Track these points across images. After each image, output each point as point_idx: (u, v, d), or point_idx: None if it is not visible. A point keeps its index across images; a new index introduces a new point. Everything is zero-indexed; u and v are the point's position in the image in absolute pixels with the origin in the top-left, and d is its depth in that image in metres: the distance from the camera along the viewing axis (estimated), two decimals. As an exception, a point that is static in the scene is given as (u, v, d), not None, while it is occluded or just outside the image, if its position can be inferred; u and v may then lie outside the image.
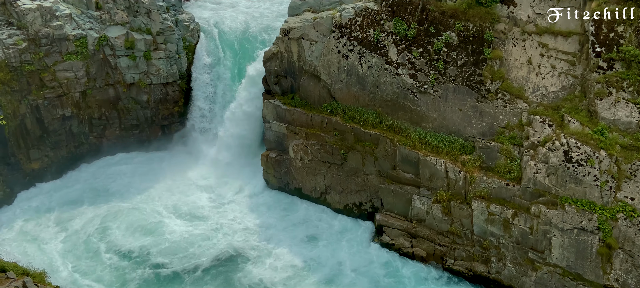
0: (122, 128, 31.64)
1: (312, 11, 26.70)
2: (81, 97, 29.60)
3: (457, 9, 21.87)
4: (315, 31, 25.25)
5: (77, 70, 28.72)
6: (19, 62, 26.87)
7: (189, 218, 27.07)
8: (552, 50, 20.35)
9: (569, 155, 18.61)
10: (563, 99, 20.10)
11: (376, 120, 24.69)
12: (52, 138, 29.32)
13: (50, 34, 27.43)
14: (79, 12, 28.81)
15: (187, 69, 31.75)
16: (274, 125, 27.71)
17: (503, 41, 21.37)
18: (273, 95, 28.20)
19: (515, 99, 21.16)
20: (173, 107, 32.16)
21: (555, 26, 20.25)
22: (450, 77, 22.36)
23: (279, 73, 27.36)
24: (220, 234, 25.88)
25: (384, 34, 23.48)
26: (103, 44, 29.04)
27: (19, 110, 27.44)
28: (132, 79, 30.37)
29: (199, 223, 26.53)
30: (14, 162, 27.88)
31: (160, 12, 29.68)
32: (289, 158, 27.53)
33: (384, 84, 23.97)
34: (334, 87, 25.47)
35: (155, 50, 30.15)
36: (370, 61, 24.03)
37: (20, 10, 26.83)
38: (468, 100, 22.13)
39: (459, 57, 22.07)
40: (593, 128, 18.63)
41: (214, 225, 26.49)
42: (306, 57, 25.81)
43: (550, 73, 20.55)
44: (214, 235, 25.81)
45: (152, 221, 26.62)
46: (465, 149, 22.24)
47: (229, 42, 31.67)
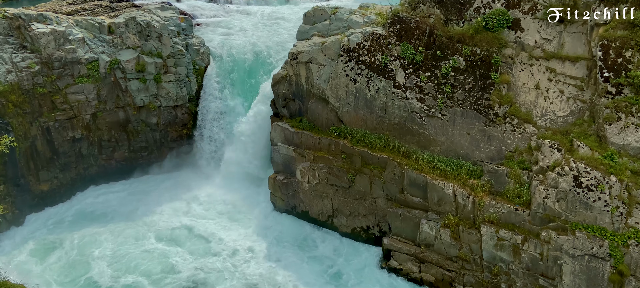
0: (131, 150, 31.90)
1: (320, 36, 27.07)
2: (91, 119, 29.97)
3: (464, 34, 22.05)
4: (323, 55, 25.51)
5: (89, 93, 29.14)
6: (31, 84, 27.33)
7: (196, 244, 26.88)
8: (560, 75, 20.40)
9: (579, 180, 18.48)
10: (572, 124, 20.05)
11: (384, 143, 24.71)
12: (61, 160, 29.60)
13: (63, 57, 27.93)
14: (91, 36, 29.36)
15: (196, 92, 32.10)
16: (281, 147, 27.81)
17: (510, 66, 21.47)
18: (281, 118, 28.39)
19: (523, 123, 21.14)
20: (182, 129, 32.44)
21: (563, 51, 20.33)
22: (458, 101, 22.42)
23: (287, 96, 27.59)
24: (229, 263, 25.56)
25: (392, 58, 23.66)
26: (114, 67, 29.52)
27: (30, 132, 27.79)
28: (142, 101, 30.74)
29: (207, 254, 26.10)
30: (24, 184, 28.11)
31: (171, 37, 30.18)
32: (297, 181, 27.53)
33: (392, 107, 24.06)
34: (341, 111, 25.60)
35: (165, 73, 30.59)
36: (378, 85, 24.18)
37: (34, 34, 27.40)
38: (476, 124, 22.14)
39: (467, 81, 22.16)
40: (602, 153, 18.52)
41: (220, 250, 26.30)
42: (314, 80, 26.03)
43: (559, 98, 20.56)
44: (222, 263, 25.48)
45: (157, 251, 26.12)
46: (474, 173, 22.15)
47: (238, 66, 32.05)
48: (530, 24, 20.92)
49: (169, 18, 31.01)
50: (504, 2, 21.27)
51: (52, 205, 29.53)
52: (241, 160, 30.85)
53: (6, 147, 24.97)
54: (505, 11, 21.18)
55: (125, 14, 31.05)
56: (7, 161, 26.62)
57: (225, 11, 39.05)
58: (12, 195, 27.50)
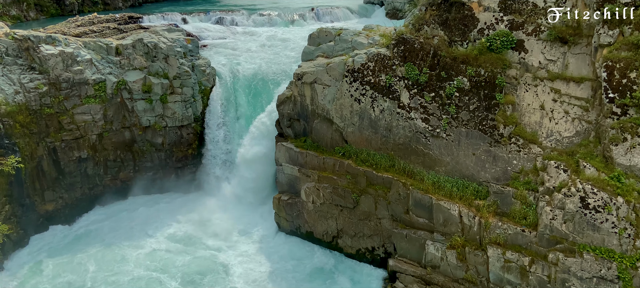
0: (137, 170, 32.02)
1: (325, 56, 27.28)
2: (97, 140, 30.17)
3: (468, 55, 22.16)
4: (328, 76, 25.68)
5: (95, 113, 29.39)
6: (39, 105, 27.61)
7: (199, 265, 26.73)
8: (565, 96, 20.40)
9: (586, 202, 18.34)
10: (577, 145, 19.97)
11: (389, 163, 24.68)
12: (67, 180, 29.73)
13: (70, 78, 28.26)
14: (99, 58, 29.72)
15: (201, 112, 32.31)
16: (286, 167, 27.82)
17: (515, 86, 21.51)
18: (286, 138, 28.46)
19: (528, 143, 21.09)
20: (187, 149, 32.57)
21: (567, 72, 20.38)
22: (462, 122, 22.43)
23: (292, 116, 27.70)
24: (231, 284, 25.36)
25: (396, 78, 23.77)
26: (121, 87, 29.82)
27: (36, 152, 27.98)
28: (148, 121, 30.95)
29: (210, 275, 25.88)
30: (29, 204, 28.20)
31: (177, 58, 30.52)
32: (301, 202, 27.47)
33: (397, 127, 24.09)
34: (346, 131, 25.65)
35: (171, 93, 30.85)
36: (383, 105, 24.25)
37: (42, 56, 27.78)
38: (481, 145, 22.10)
39: (471, 101, 22.19)
40: (609, 174, 18.39)
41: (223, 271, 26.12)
42: (319, 100, 26.15)
43: (564, 118, 20.53)
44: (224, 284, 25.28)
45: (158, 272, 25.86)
46: (479, 194, 22.03)
47: (243, 86, 32.29)
48: (534, 45, 21.01)
49: (176, 39, 31.41)
50: (508, 23, 21.41)
51: (55, 226, 29.53)
52: (245, 180, 30.87)
53: (12, 167, 25.14)
54: (508, 32, 21.30)
55: (132, 36, 31.48)
56: (13, 181, 26.75)
57: (232, 33, 39.53)
58: (17, 216, 27.57)
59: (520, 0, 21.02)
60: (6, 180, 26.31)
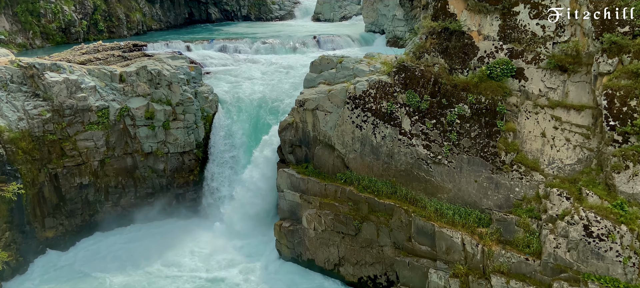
0: (138, 196, 31.97)
1: (326, 83, 27.52)
2: (99, 166, 30.23)
3: (468, 83, 22.34)
4: (329, 102, 25.85)
5: (98, 140, 29.53)
6: (42, 131, 27.78)
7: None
8: (566, 124, 20.46)
9: (589, 230, 18.20)
10: (579, 172, 19.94)
11: (390, 190, 24.61)
12: (68, 206, 29.67)
13: (74, 105, 28.50)
14: (103, 85, 30.03)
15: (204, 138, 32.44)
16: (287, 194, 27.75)
17: (516, 114, 21.60)
18: (287, 165, 28.48)
19: (530, 171, 21.06)
20: (188, 175, 32.58)
21: (568, 100, 20.49)
22: (464, 149, 22.46)
23: (294, 142, 27.78)
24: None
25: (397, 105, 23.92)
26: (124, 114, 30.03)
27: (38, 178, 28.01)
28: (150, 147, 31.06)
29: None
30: (29, 230, 28.08)
31: (180, 85, 30.82)
32: (303, 228, 27.31)
33: (398, 154, 24.11)
34: (348, 157, 25.68)
35: (174, 120, 31.04)
36: (384, 132, 24.34)
37: (47, 83, 28.08)
38: (483, 172, 22.07)
39: (472, 128, 22.27)
40: (612, 202, 18.30)
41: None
42: (321, 127, 26.27)
43: (565, 146, 20.55)
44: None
45: None
46: (482, 221, 21.89)
47: (245, 113, 32.48)
48: (534, 73, 21.19)
49: (179, 67, 31.77)
50: (507, 52, 21.65)
51: (56, 252, 29.29)
52: (247, 207, 30.75)
53: (14, 194, 25.13)
54: (508, 61, 21.52)
55: (136, 63, 31.86)
56: (14, 208, 26.71)
57: (234, 60, 39.96)
58: (17, 242, 27.42)
59: (519, 30, 21.30)
60: (7, 207, 26.27)
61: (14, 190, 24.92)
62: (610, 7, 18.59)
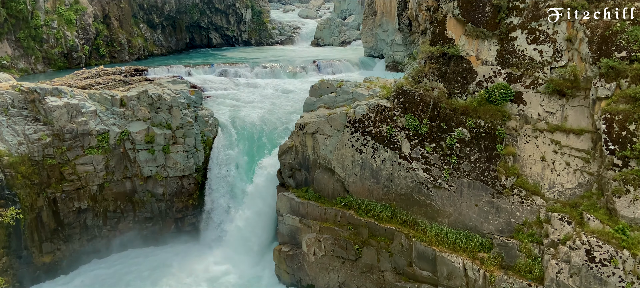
0: (136, 221, 31.77)
1: (326, 107, 27.64)
2: (98, 190, 30.11)
3: (468, 107, 22.44)
4: (329, 126, 25.92)
5: (97, 164, 29.49)
6: (41, 156, 27.75)
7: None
8: (565, 148, 20.48)
9: (592, 255, 18.03)
10: (580, 196, 19.86)
11: (391, 214, 24.48)
12: (66, 231, 29.46)
13: (74, 129, 28.55)
14: (103, 109, 30.14)
15: (203, 162, 32.40)
16: (287, 218, 27.59)
17: (515, 138, 21.64)
18: (287, 188, 28.39)
19: (531, 195, 20.98)
20: (188, 199, 32.44)
21: (567, 124, 20.55)
22: (464, 172, 22.42)
23: (294, 166, 27.75)
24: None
25: (397, 129, 23.98)
26: (124, 138, 30.06)
27: (36, 203, 27.87)
28: (149, 171, 31.00)
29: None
30: (26, 256, 27.81)
31: (181, 109, 30.94)
32: (302, 253, 27.05)
33: (398, 178, 24.06)
34: (348, 181, 25.62)
35: (174, 144, 31.06)
36: (384, 155, 24.33)
37: (48, 107, 28.19)
38: (483, 196, 21.99)
39: (472, 152, 22.27)
40: (614, 226, 18.19)
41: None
42: (320, 150, 26.28)
43: (565, 170, 20.53)
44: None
45: None
46: (484, 246, 21.70)
47: (245, 136, 32.54)
48: (533, 98, 21.31)
49: (180, 91, 31.95)
50: (505, 76, 21.81)
51: (52, 279, 28.99)
52: (246, 232, 30.53)
53: (12, 218, 24.96)
54: (507, 85, 21.65)
55: (137, 88, 32.05)
56: (12, 232, 26.51)
57: (235, 84, 40.25)
58: (14, 268, 27.14)
59: (517, 54, 21.50)
60: (5, 232, 26.08)
61: (12, 215, 24.77)
62: (607, 33, 18.79)
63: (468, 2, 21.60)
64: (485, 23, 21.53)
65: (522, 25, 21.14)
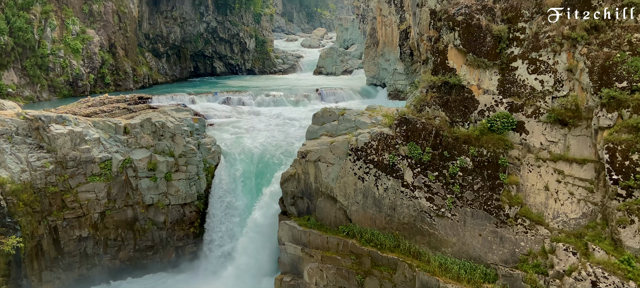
0: (137, 249, 31.55)
1: (329, 135, 27.73)
2: (99, 218, 30.02)
3: (470, 135, 22.45)
4: (332, 154, 25.92)
5: (99, 191, 29.47)
6: (44, 183, 27.78)
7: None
8: (569, 177, 20.37)
9: (597, 286, 17.73)
10: (585, 226, 19.66)
11: (393, 243, 24.24)
12: (66, 259, 29.25)
13: (77, 157, 28.65)
14: (107, 136, 30.31)
15: (205, 190, 32.35)
16: (289, 247, 27.33)
17: (518, 167, 21.57)
18: (289, 216, 28.22)
19: (535, 224, 20.78)
20: (189, 227, 32.26)
21: (569, 153, 20.50)
22: (467, 201, 22.28)
23: (296, 194, 27.65)
24: None
25: (399, 157, 23.96)
26: (127, 165, 30.12)
27: (37, 231, 27.76)
28: (151, 199, 30.93)
29: None
30: (26, 285, 27.54)
31: (184, 136, 31.07)
32: (304, 283, 26.69)
33: (401, 206, 23.92)
34: (350, 209, 25.48)
35: (176, 171, 31.08)
36: (386, 184, 24.25)
37: (51, 135, 28.36)
38: (487, 225, 21.79)
39: (475, 181, 22.18)
40: (619, 257, 17.93)
41: None
42: (323, 178, 26.22)
43: (569, 199, 20.38)
44: None
45: None
46: (488, 277, 21.38)
47: (247, 164, 32.56)
48: (535, 127, 21.31)
49: (183, 119, 32.16)
50: (507, 105, 21.88)
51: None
52: (247, 261, 30.22)
53: (12, 247, 24.83)
54: (508, 114, 21.70)
55: (141, 116, 32.29)
56: (12, 260, 26.34)
57: (238, 112, 40.51)
58: (13, 297, 26.88)
59: (518, 84, 21.62)
60: (5, 260, 25.91)
61: (13, 243, 24.65)
62: (607, 63, 18.93)
63: (469, 33, 21.85)
64: (486, 53, 21.73)
65: (522, 56, 21.33)
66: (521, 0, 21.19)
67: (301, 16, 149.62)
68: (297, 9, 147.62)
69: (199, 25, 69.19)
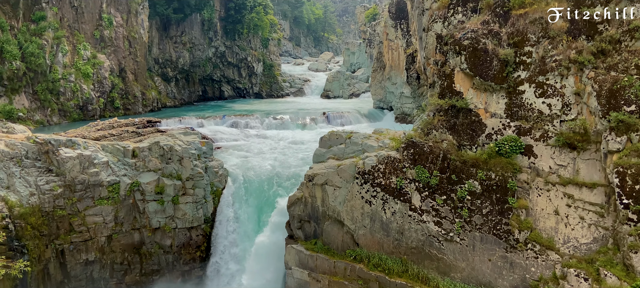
0: (143, 273, 31.36)
1: (336, 159, 27.69)
2: (106, 242, 29.97)
3: (478, 159, 22.33)
4: (339, 177, 25.86)
5: (106, 215, 29.50)
6: (52, 207, 27.88)
7: None
8: (579, 201, 20.13)
9: (612, 313, 17.36)
10: (596, 252, 19.33)
11: (401, 268, 23.94)
12: (72, 283, 29.11)
13: (86, 180, 28.80)
14: (115, 160, 30.49)
15: (212, 213, 32.28)
16: (296, 271, 27.07)
17: (527, 191, 21.37)
18: (296, 240, 28.02)
19: (546, 249, 20.47)
20: (195, 251, 32.09)
21: (579, 177, 20.29)
22: (476, 226, 22.03)
23: (303, 218, 27.51)
24: None
25: (407, 181, 23.84)
26: (134, 189, 30.19)
27: (44, 254, 27.74)
28: (158, 223, 30.89)
29: None
30: (32, 308, 27.43)
31: (191, 160, 31.18)
32: (311, 308, 26.35)
33: (409, 230, 23.70)
34: (357, 233, 25.27)
35: (183, 194, 31.09)
36: (394, 207, 24.09)
37: (61, 158, 28.58)
38: (497, 250, 21.50)
39: (484, 205, 21.97)
40: (631, 283, 17.56)
41: None
42: (330, 202, 26.10)
43: (580, 224, 20.10)
44: None
45: None
46: (498, 303, 21.01)
47: (254, 187, 32.53)
48: (543, 150, 21.18)
49: (191, 142, 32.33)
50: (515, 129, 21.81)
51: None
52: (254, 285, 29.91)
53: (20, 271, 24.76)
54: (516, 138, 21.61)
55: (150, 139, 32.51)
56: (18, 284, 26.24)
57: (245, 136, 40.70)
58: (18, 321, 26.68)
59: (525, 107, 21.58)
60: (11, 284, 25.82)
61: (20, 267, 24.58)
62: (615, 87, 18.87)
63: (475, 57, 21.95)
64: (492, 77, 21.77)
65: (529, 79, 21.34)
66: (527, 25, 21.32)
67: (308, 41, 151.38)
68: (304, 33, 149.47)
69: (208, 49, 70.16)
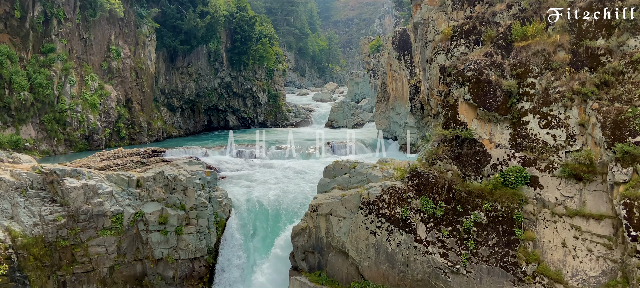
0: (145, 305, 30.99)
1: (340, 188, 27.60)
2: (108, 273, 29.70)
3: (483, 190, 22.20)
4: (343, 207, 25.72)
5: (109, 246, 29.34)
6: (55, 237, 27.77)
7: None
8: (586, 233, 19.88)
9: (624, 349, 16.89)
10: (605, 285, 18.96)
11: (407, 301, 23.54)
12: (73, 315, 28.77)
13: (89, 210, 28.77)
14: (120, 190, 30.51)
15: (215, 244, 32.03)
16: (300, 304, 26.65)
17: (534, 222, 21.14)
18: (300, 272, 27.68)
19: (554, 283, 20.10)
20: (198, 283, 31.71)
21: (586, 209, 20.09)
22: (482, 258, 21.73)
23: (307, 249, 27.24)
24: None
25: (412, 211, 23.67)
26: (138, 219, 30.09)
27: (46, 286, 27.48)
28: (161, 254, 30.65)
29: None
30: (31, 341, 27.00)
31: (195, 189, 31.15)
32: (315, 343, 25.81)
33: (414, 262, 23.38)
34: (362, 265, 24.95)
35: (186, 225, 30.94)
36: (399, 238, 23.84)
37: (65, 189, 28.63)
38: (504, 283, 21.12)
39: (490, 236, 21.72)
40: (645, 318, 17.18)
41: None
42: (334, 232, 25.89)
43: (588, 257, 19.78)
44: None
45: None
46: (507, 338, 20.53)
47: (258, 218, 32.37)
48: (549, 181, 21.05)
49: (195, 172, 32.36)
50: (520, 160, 21.74)
51: None
52: (257, 318, 29.45)
53: (20, 302, 24.54)
54: (522, 168, 21.52)
55: (154, 169, 32.58)
56: (19, 316, 25.95)
57: (249, 165, 40.74)
58: None
59: (530, 138, 21.56)
60: (11, 315, 25.56)
61: (21, 298, 24.37)
62: (619, 118, 18.86)
63: (478, 88, 22.09)
64: (496, 108, 21.85)
65: (533, 110, 21.39)
66: (529, 57, 21.50)
67: (313, 71, 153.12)
68: (309, 64, 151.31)
69: (214, 80, 71.01)
